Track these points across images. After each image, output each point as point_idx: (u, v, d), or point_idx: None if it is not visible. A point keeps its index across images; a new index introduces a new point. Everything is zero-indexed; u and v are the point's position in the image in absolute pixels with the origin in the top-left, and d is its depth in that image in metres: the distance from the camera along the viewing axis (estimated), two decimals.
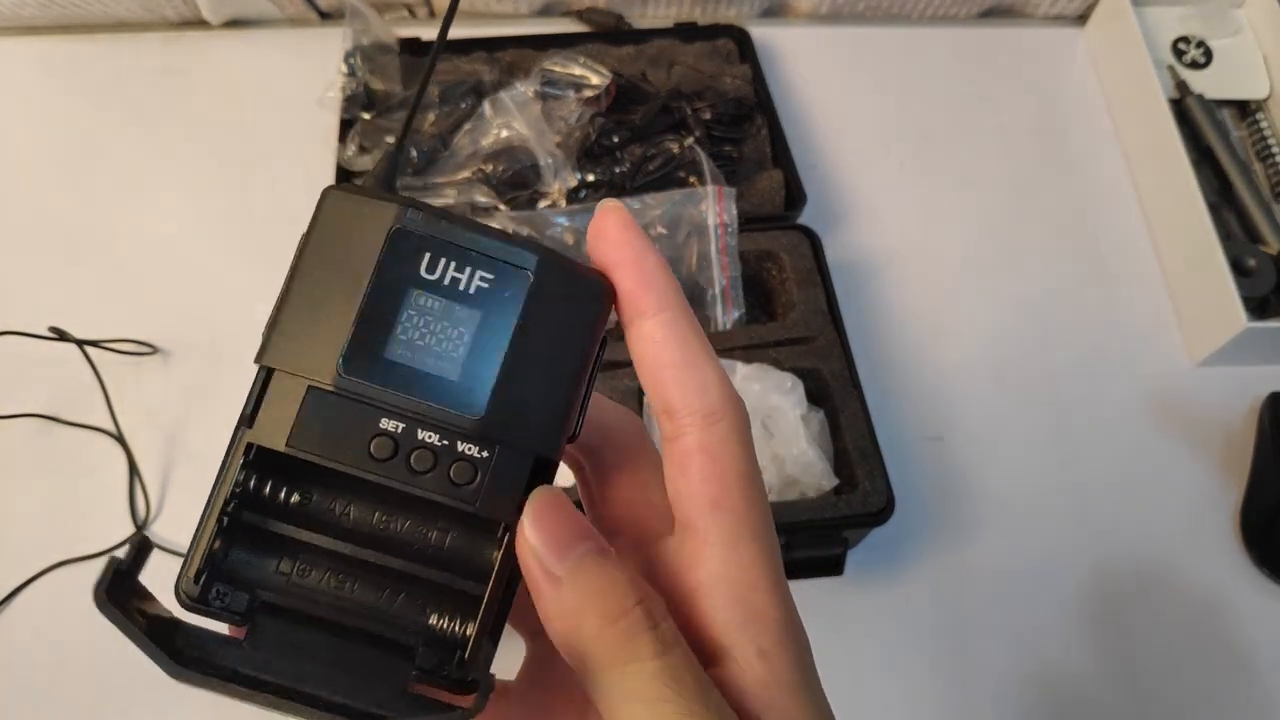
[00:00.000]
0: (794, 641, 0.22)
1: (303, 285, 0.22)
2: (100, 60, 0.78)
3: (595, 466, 0.26)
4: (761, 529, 0.22)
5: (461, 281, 0.22)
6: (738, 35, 0.80)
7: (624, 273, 0.23)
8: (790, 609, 0.22)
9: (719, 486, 0.22)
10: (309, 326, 0.22)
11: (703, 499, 0.22)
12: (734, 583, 0.22)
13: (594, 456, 0.26)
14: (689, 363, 0.23)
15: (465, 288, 0.22)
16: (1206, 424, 0.68)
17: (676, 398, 0.23)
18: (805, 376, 0.61)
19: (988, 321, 0.71)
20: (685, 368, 0.23)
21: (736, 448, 0.23)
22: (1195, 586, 0.62)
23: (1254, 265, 0.70)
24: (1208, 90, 0.78)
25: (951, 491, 0.64)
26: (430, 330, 0.22)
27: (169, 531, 0.60)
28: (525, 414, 0.22)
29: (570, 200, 0.68)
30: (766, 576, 0.22)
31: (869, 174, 0.77)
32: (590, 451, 0.26)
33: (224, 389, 0.64)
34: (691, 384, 0.23)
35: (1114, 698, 0.59)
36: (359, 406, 0.22)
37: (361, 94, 0.71)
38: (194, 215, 0.72)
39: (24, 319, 0.63)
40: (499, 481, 0.22)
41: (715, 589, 0.22)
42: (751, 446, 0.23)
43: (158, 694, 0.55)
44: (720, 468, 0.22)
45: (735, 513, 0.22)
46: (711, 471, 0.22)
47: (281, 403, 0.22)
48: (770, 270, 0.68)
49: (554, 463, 0.23)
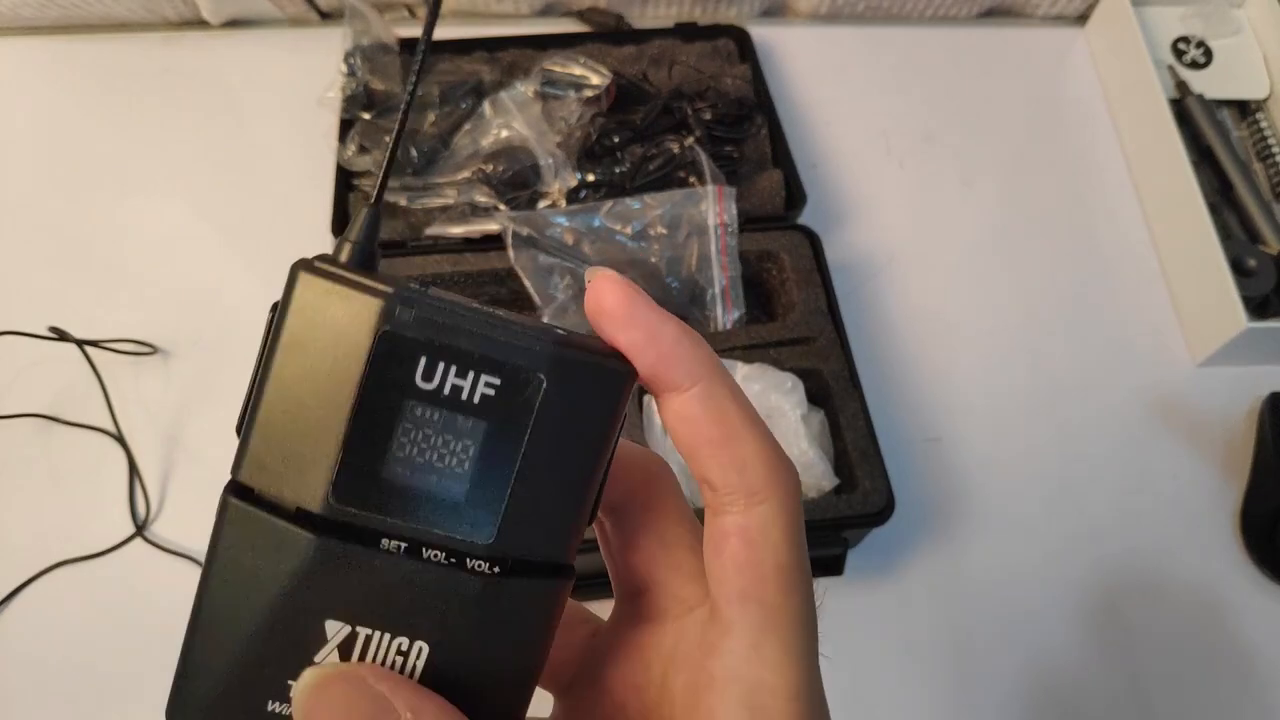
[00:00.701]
0: None
1: (279, 390, 0.19)
2: (100, 60, 0.79)
3: (616, 524, 0.24)
4: (793, 628, 0.21)
5: (464, 390, 0.19)
6: (738, 35, 0.80)
7: (640, 354, 0.20)
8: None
9: (752, 577, 0.20)
10: (290, 443, 0.19)
11: (733, 588, 0.21)
12: (747, 683, 0.20)
13: (615, 513, 0.24)
14: (726, 438, 0.21)
15: (469, 397, 0.19)
16: (1206, 424, 0.68)
17: (716, 476, 0.21)
18: (805, 376, 0.61)
19: (988, 321, 0.71)
20: (722, 445, 0.21)
21: (778, 533, 0.21)
22: (1195, 586, 0.62)
23: (1254, 265, 0.70)
24: (1208, 90, 0.78)
25: (951, 492, 0.64)
26: (431, 446, 0.19)
27: (169, 531, 0.60)
28: (539, 528, 0.20)
29: (570, 200, 0.68)
30: (787, 682, 0.20)
31: (869, 174, 0.77)
32: (610, 508, 0.24)
33: (224, 389, 0.65)
34: (730, 462, 0.21)
35: (1114, 698, 0.59)
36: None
37: (361, 94, 0.71)
38: (194, 215, 0.72)
39: (24, 319, 0.63)
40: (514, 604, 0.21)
41: (728, 686, 0.20)
42: (798, 529, 0.21)
43: (157, 694, 0.54)
44: (757, 556, 0.20)
45: (766, 608, 0.20)
46: (746, 559, 0.20)
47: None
48: (770, 270, 0.68)
49: (569, 566, 0.21)
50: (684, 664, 0.22)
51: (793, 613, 0.21)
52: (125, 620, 0.57)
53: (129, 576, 0.58)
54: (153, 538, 0.59)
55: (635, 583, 0.24)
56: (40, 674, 0.56)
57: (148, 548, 0.59)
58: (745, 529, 0.21)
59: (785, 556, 0.21)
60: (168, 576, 0.58)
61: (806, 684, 0.21)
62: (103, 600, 0.57)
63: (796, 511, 0.21)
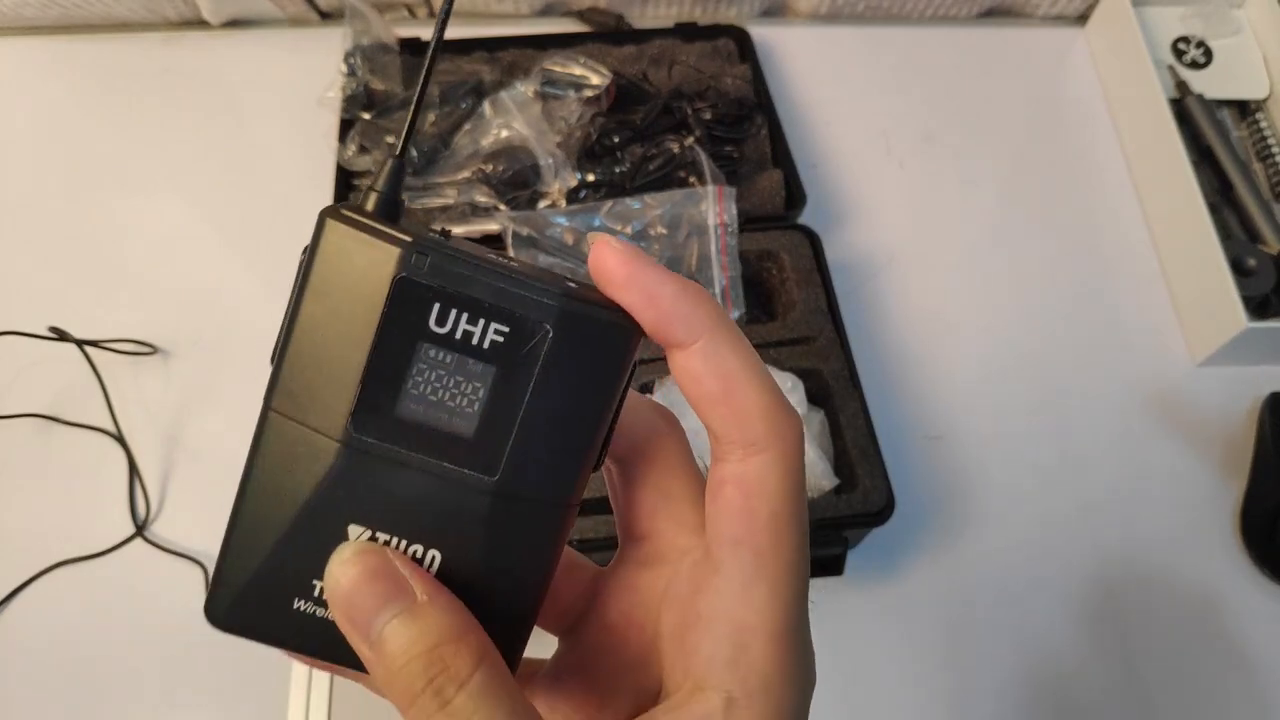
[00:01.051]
0: (772, 699, 0.21)
1: (305, 328, 0.21)
2: (100, 60, 0.79)
3: (623, 474, 0.25)
4: (782, 574, 0.22)
5: (475, 336, 0.21)
6: (738, 35, 0.80)
7: (641, 313, 0.21)
8: (787, 666, 0.22)
9: (745, 524, 0.21)
10: (315, 376, 0.21)
11: (726, 532, 0.22)
12: (732, 623, 0.21)
13: (621, 464, 0.25)
14: (726, 392, 0.21)
15: (479, 342, 0.21)
16: (1206, 424, 0.68)
17: (717, 427, 0.22)
18: (805, 376, 0.61)
19: (987, 321, 0.71)
20: (722, 398, 0.21)
21: (774, 482, 0.21)
22: (1195, 586, 0.62)
23: (1254, 265, 0.70)
24: (1208, 90, 0.78)
25: (951, 491, 0.64)
26: (443, 385, 0.21)
27: (169, 531, 0.60)
28: (543, 468, 0.22)
29: (570, 200, 0.68)
30: (770, 624, 0.21)
31: (869, 174, 0.77)
32: (617, 458, 0.25)
33: (224, 389, 0.65)
34: (730, 414, 0.21)
35: (1113, 697, 0.59)
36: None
37: (361, 94, 0.72)
38: (194, 215, 0.72)
39: (24, 319, 0.63)
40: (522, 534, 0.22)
41: (713, 623, 0.22)
42: (796, 480, 0.22)
43: (157, 694, 0.55)
44: (751, 504, 0.21)
45: (756, 553, 0.21)
46: (741, 507, 0.22)
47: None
48: (770, 270, 0.68)
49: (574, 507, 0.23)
50: (675, 602, 0.23)
51: (783, 559, 0.22)
52: (125, 620, 0.57)
53: (129, 576, 0.58)
54: (153, 538, 0.59)
55: (638, 531, 0.25)
56: (40, 674, 0.56)
57: (148, 548, 0.59)
58: (742, 477, 0.22)
59: (779, 505, 0.22)
60: (168, 576, 0.58)
61: (791, 628, 0.22)
62: (103, 600, 0.57)
63: (796, 462, 0.22)
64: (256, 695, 0.55)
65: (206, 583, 0.57)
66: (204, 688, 0.55)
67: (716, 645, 0.21)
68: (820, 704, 0.23)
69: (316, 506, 0.21)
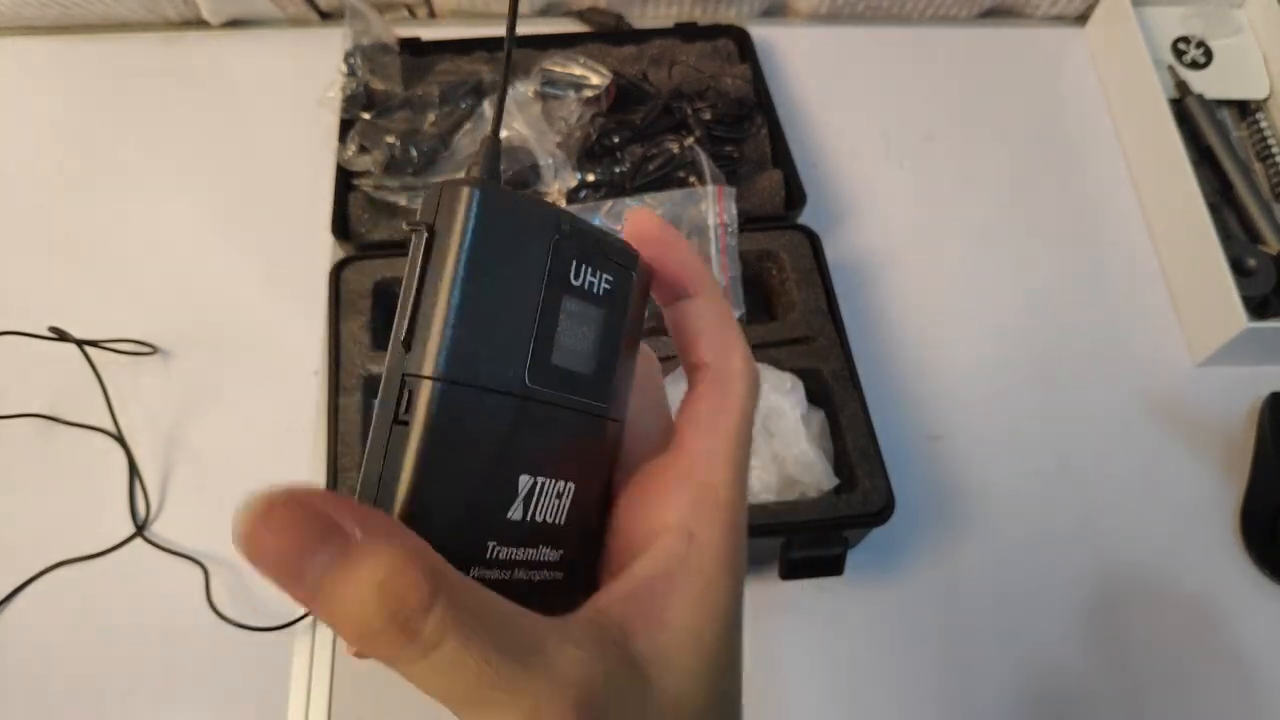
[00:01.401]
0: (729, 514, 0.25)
1: (469, 293, 0.21)
2: (100, 60, 0.79)
3: None
4: (743, 455, 0.26)
5: (595, 285, 0.24)
6: (738, 35, 0.80)
7: (669, 261, 0.26)
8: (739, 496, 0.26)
9: (714, 411, 0.26)
10: (485, 338, 0.22)
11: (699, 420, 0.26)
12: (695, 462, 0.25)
13: None
14: (721, 328, 0.27)
15: (596, 290, 0.24)
16: (1206, 424, 0.68)
17: (706, 355, 0.27)
18: (805, 376, 0.61)
19: (987, 321, 0.71)
20: (717, 333, 0.27)
21: (739, 401, 0.26)
22: (1195, 586, 0.62)
23: (1254, 265, 0.70)
24: (1208, 90, 0.78)
25: (952, 491, 0.64)
26: (574, 332, 0.24)
27: (169, 531, 0.60)
28: (623, 390, 0.26)
29: (570, 200, 0.68)
30: (730, 470, 0.25)
31: (869, 174, 0.77)
32: None
33: (224, 389, 0.65)
34: (720, 347, 0.26)
35: (1113, 697, 0.59)
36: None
37: (361, 94, 0.72)
38: (194, 215, 0.72)
39: (24, 319, 0.63)
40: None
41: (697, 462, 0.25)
42: (750, 410, 0.26)
43: (157, 694, 0.55)
44: (727, 404, 0.26)
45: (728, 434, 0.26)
46: (720, 406, 0.26)
47: None
48: (770, 270, 0.68)
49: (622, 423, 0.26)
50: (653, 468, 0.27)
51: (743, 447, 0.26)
52: (125, 620, 0.57)
53: (129, 576, 0.58)
54: (153, 538, 0.59)
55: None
56: (40, 673, 0.55)
57: (148, 548, 0.59)
58: (720, 377, 0.26)
59: (743, 419, 0.26)
60: (168, 576, 0.58)
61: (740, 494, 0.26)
62: (103, 600, 0.57)
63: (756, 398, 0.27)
64: (256, 695, 0.55)
65: (206, 583, 0.57)
66: (204, 688, 0.55)
67: (680, 493, 0.25)
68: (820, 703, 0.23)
69: (497, 462, 0.22)
